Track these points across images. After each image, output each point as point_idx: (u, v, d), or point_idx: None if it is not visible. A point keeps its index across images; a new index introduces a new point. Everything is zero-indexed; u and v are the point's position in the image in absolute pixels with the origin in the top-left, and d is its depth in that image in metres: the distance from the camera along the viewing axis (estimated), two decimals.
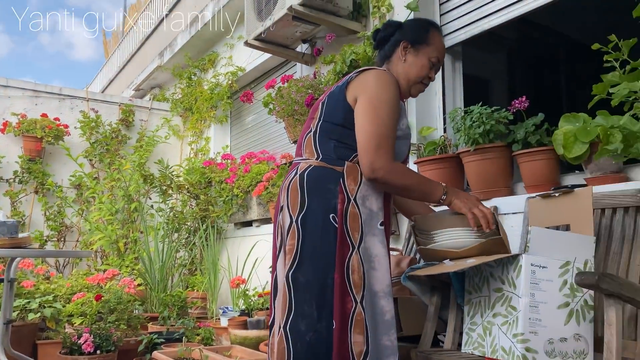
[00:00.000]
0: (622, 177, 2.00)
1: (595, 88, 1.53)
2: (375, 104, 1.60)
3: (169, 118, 5.85)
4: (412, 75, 1.77)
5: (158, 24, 7.45)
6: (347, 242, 1.57)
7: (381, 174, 1.57)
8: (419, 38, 1.77)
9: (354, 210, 1.60)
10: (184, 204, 4.89)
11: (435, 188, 1.66)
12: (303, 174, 1.65)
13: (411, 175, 1.63)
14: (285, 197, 1.67)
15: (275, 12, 3.28)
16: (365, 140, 1.58)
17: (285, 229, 1.63)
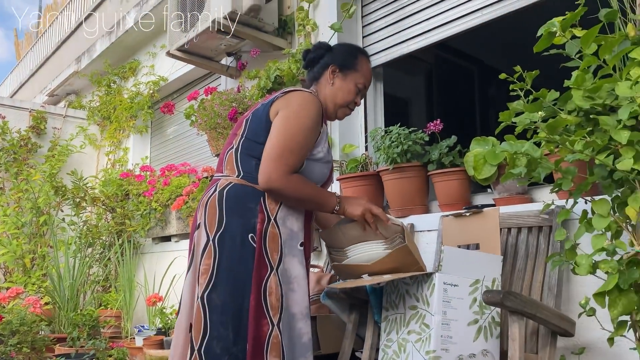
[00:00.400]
0: (527, 199, 2.13)
1: (501, 115, 1.62)
2: (290, 120, 1.61)
3: (85, 127, 5.58)
4: (338, 100, 1.79)
5: (76, 28, 7.12)
6: (265, 263, 1.55)
7: (276, 185, 1.57)
8: (347, 63, 1.80)
9: (273, 231, 1.59)
10: (99, 217, 4.66)
11: (329, 199, 1.67)
12: (222, 192, 1.62)
13: (306, 187, 1.63)
14: (202, 214, 1.63)
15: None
16: (268, 150, 1.59)
17: (201, 247, 1.59)
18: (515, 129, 1.61)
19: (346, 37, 2.97)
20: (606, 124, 1.38)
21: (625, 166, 1.35)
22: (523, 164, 1.60)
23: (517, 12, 2.34)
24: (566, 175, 1.52)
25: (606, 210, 1.43)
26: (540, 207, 1.96)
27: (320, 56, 1.83)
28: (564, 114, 1.54)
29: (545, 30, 1.45)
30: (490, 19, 2.43)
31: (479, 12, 2.46)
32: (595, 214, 1.45)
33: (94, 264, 4.52)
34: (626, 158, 1.36)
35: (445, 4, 2.63)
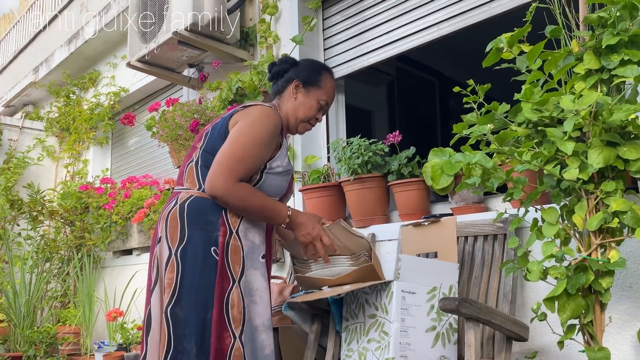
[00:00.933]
0: (483, 208, 2.19)
1: (455, 127, 1.67)
2: (244, 130, 1.62)
3: (43, 138, 5.44)
4: (299, 115, 1.81)
5: (34, 37, 6.95)
6: (227, 276, 1.55)
7: (219, 192, 1.56)
8: (311, 79, 1.82)
9: (235, 243, 1.60)
10: (57, 231, 4.54)
11: (278, 213, 1.65)
12: (184, 205, 1.61)
13: (253, 197, 1.60)
14: (163, 227, 1.62)
15: (160, 35, 3.21)
16: (217, 157, 1.59)
17: (164, 261, 1.58)
18: (469, 140, 1.66)
19: (307, 50, 3.00)
20: (553, 136, 1.44)
21: (571, 176, 1.42)
22: (478, 174, 1.65)
23: (473, 27, 2.42)
24: (517, 185, 1.58)
25: (555, 218, 1.49)
26: (495, 216, 2.03)
27: (285, 70, 1.85)
28: (514, 125, 1.60)
29: (494, 46, 1.50)
30: (446, 33, 2.50)
31: (436, 26, 2.54)
32: (544, 222, 1.51)
33: (51, 279, 4.39)
34: (572, 168, 1.42)
35: (404, 19, 2.69)
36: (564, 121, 1.42)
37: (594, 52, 1.49)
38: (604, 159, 1.38)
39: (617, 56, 1.44)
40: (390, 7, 2.76)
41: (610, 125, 1.41)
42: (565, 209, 1.56)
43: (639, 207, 1.39)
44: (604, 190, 1.42)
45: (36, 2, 7.52)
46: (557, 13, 1.59)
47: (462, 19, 2.43)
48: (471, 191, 2.09)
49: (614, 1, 1.46)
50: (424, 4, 2.61)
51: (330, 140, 3.02)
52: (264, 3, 3.16)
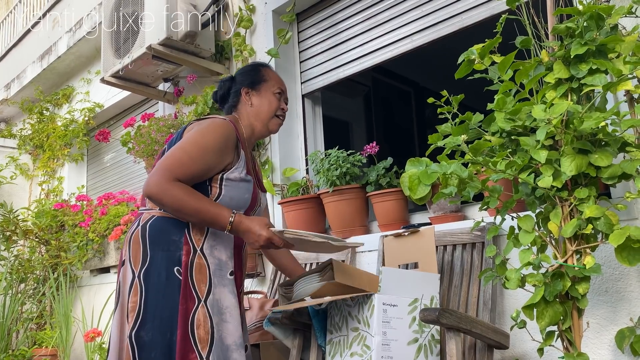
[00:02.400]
0: (460, 216, 2.21)
1: (430, 138, 1.69)
2: (191, 137, 1.60)
3: (16, 157, 5.33)
4: (264, 114, 1.79)
5: (5, 54, 6.84)
6: (192, 296, 1.52)
7: (153, 190, 1.50)
8: (255, 79, 1.82)
9: (200, 262, 1.57)
10: (32, 250, 4.44)
11: (218, 218, 1.54)
12: (145, 225, 1.59)
13: (189, 198, 1.51)
14: (127, 250, 1.59)
15: (134, 50, 3.19)
16: (161, 161, 1.55)
17: (127, 285, 1.55)
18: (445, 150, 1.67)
19: (283, 62, 3.01)
20: (526, 144, 1.46)
21: (546, 183, 1.43)
22: (454, 184, 1.66)
23: (445, 37, 2.45)
24: (492, 194, 1.59)
25: (531, 226, 1.51)
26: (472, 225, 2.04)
27: (228, 88, 1.85)
28: (488, 135, 1.62)
29: (466, 57, 1.52)
30: (420, 44, 2.53)
31: (409, 38, 2.56)
32: (521, 230, 1.53)
33: (26, 300, 4.29)
34: (546, 176, 1.44)
35: (377, 31, 2.72)
36: (537, 130, 1.44)
37: (563, 62, 1.52)
38: (577, 166, 1.40)
39: (586, 65, 1.47)
40: (364, 20, 2.79)
41: (581, 133, 1.44)
42: (540, 217, 1.58)
43: (611, 212, 1.41)
44: (578, 197, 1.44)
45: (7, 17, 7.41)
46: (526, 24, 1.62)
47: (434, 30, 2.46)
48: (448, 200, 2.11)
49: (581, 12, 1.50)
50: (396, 16, 2.64)
51: (309, 152, 3.02)
52: (239, 16, 3.16)
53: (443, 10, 2.43)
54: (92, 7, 4.51)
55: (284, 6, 2.98)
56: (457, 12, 2.38)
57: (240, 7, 3.17)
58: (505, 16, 1.61)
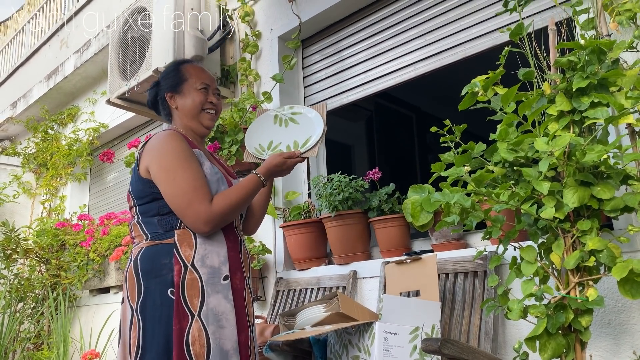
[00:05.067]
0: (462, 244, 2.21)
1: (433, 167, 1.70)
2: (165, 166, 1.58)
3: (20, 175, 5.36)
4: (189, 111, 1.73)
5: (12, 72, 6.93)
6: (185, 313, 1.51)
7: (214, 224, 1.56)
8: (175, 81, 1.76)
9: (191, 276, 1.55)
10: (32, 269, 4.43)
11: (254, 186, 1.64)
12: (137, 259, 1.59)
13: (231, 196, 1.59)
14: (125, 288, 1.61)
15: (141, 72, 3.22)
16: (175, 204, 1.56)
17: (128, 322, 1.56)
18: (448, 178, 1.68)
19: (288, 87, 3.04)
20: (529, 175, 1.47)
21: (548, 215, 1.44)
22: (457, 212, 1.67)
23: (448, 66, 2.48)
24: (495, 224, 1.60)
25: (533, 256, 1.51)
26: (475, 252, 2.04)
27: (155, 95, 1.80)
28: (491, 165, 1.63)
29: (469, 90, 1.54)
30: (423, 72, 2.56)
31: (412, 66, 2.60)
32: (523, 261, 1.53)
33: (25, 319, 4.26)
34: (548, 207, 1.44)
35: (381, 59, 2.75)
36: (539, 161, 1.45)
37: (565, 94, 1.54)
38: (579, 198, 1.41)
39: (588, 98, 1.48)
40: (368, 47, 2.83)
41: (583, 165, 1.45)
42: (543, 247, 1.58)
43: (614, 245, 1.41)
44: (580, 229, 1.44)
45: (16, 37, 7.51)
46: (529, 56, 1.64)
47: (437, 59, 2.50)
48: (451, 229, 2.11)
49: (583, 46, 1.52)
50: (400, 44, 2.68)
51: (311, 176, 3.03)
52: (245, 42, 3.20)
53: (446, 40, 2.47)
54: (100, 29, 4.58)
55: (289, 33, 3.03)
56: (460, 41, 2.41)
57: (247, 32, 3.22)
58: (508, 49, 1.64)
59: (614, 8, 1.70)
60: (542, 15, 2.14)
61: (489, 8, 2.35)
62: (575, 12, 1.76)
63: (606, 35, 1.75)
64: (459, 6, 2.46)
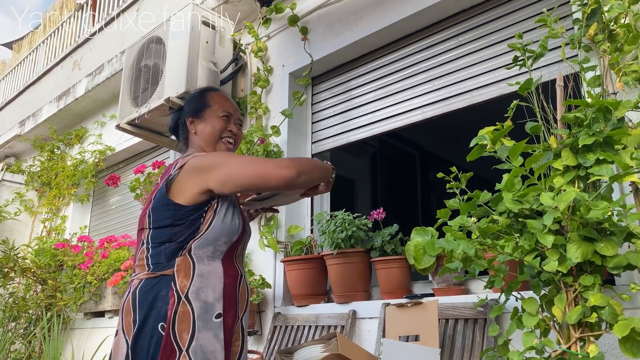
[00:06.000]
0: (464, 290, 2.21)
1: (438, 213, 1.72)
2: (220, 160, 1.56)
3: (23, 192, 5.37)
4: (207, 137, 1.72)
5: (22, 90, 7.02)
6: (173, 349, 1.46)
7: (295, 169, 1.51)
8: (198, 107, 1.75)
9: (184, 309, 1.49)
10: (28, 288, 4.40)
11: (326, 167, 1.68)
12: (135, 291, 1.54)
13: (301, 158, 1.64)
14: (120, 321, 1.55)
15: (152, 100, 3.28)
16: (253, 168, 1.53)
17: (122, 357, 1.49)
18: (453, 226, 1.70)
19: (296, 122, 3.09)
20: (533, 228, 1.49)
21: (551, 268, 1.45)
22: (459, 258, 1.68)
23: (455, 111, 2.53)
24: (498, 274, 1.61)
25: (535, 308, 1.52)
26: (476, 299, 2.04)
27: (177, 118, 1.80)
28: (495, 214, 1.65)
29: (478, 142, 1.57)
30: (430, 116, 2.61)
31: (420, 109, 2.64)
32: (525, 312, 1.53)
33: (16, 339, 4.22)
34: (551, 260, 1.46)
35: (389, 100, 2.81)
36: (543, 213, 1.47)
37: (571, 150, 1.57)
38: (582, 254, 1.42)
39: (593, 155, 1.51)
40: (377, 89, 2.89)
41: (587, 220, 1.47)
42: (544, 299, 1.59)
43: (616, 302, 1.42)
44: (583, 284, 1.45)
45: (29, 56, 7.64)
46: (536, 110, 1.68)
47: (445, 104, 2.55)
48: (453, 275, 2.12)
49: (589, 104, 1.56)
50: (408, 88, 2.73)
51: (315, 211, 3.05)
52: (256, 76, 3.26)
53: (455, 86, 2.52)
54: (114, 54, 4.67)
55: (300, 70, 3.09)
56: (468, 89, 2.46)
57: (259, 67, 3.28)
58: (516, 102, 1.68)
59: (621, 68, 1.74)
60: (550, 68, 2.20)
61: (497, 58, 2.41)
62: (582, 68, 1.81)
63: (612, 93, 1.79)
64: (467, 55, 2.53)
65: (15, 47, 8.77)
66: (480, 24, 2.51)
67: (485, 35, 2.48)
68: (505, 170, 1.67)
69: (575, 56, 1.94)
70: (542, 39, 1.79)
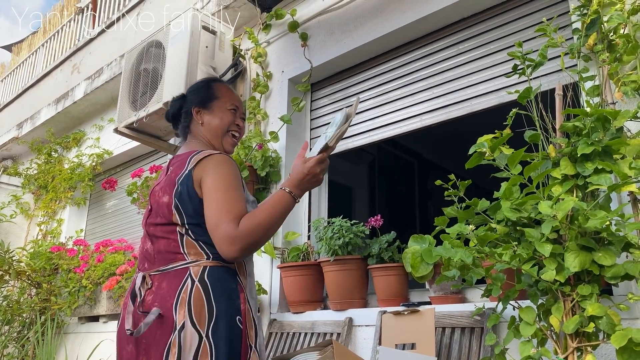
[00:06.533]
0: (461, 298, 2.20)
1: (436, 220, 1.72)
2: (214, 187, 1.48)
3: (19, 195, 5.35)
4: (215, 130, 1.67)
5: (21, 93, 7.01)
6: (246, 344, 1.46)
7: (238, 246, 1.42)
8: (206, 97, 1.71)
9: (247, 307, 1.50)
10: (22, 292, 4.37)
11: (284, 200, 1.52)
12: (204, 279, 1.46)
13: (258, 216, 1.46)
14: (185, 312, 1.43)
15: (151, 104, 3.27)
16: (209, 224, 1.46)
17: (193, 351, 1.40)
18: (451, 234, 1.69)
19: (295, 128, 3.08)
20: (531, 237, 1.49)
21: (549, 277, 1.45)
22: (457, 267, 1.67)
23: (454, 119, 2.53)
24: (495, 282, 1.60)
25: (532, 318, 1.51)
26: (473, 308, 2.03)
27: (179, 107, 1.74)
28: (493, 222, 1.65)
29: (477, 149, 1.57)
30: (429, 124, 2.61)
31: (419, 117, 2.64)
32: (522, 321, 1.52)
33: (9, 343, 4.18)
34: (549, 269, 1.45)
35: (389, 107, 2.81)
36: (542, 222, 1.47)
37: (569, 159, 1.57)
38: (580, 263, 1.42)
39: (592, 164, 1.51)
40: (376, 96, 2.89)
41: (585, 230, 1.47)
42: (542, 309, 1.58)
43: (613, 312, 1.41)
44: (580, 294, 1.45)
45: (28, 59, 7.64)
46: (535, 119, 1.68)
47: (444, 112, 2.55)
48: (450, 283, 2.11)
49: (588, 113, 1.56)
50: (407, 95, 2.74)
51: (312, 217, 3.04)
52: (256, 82, 3.26)
53: (454, 94, 2.52)
54: (113, 58, 4.67)
55: (300, 76, 3.09)
56: (467, 97, 2.46)
57: (258, 73, 3.28)
58: (515, 110, 1.68)
59: (620, 78, 1.75)
60: (549, 77, 2.20)
61: (496, 67, 2.41)
62: (581, 78, 1.81)
63: (611, 103, 1.79)
64: (467, 63, 2.53)
65: (14, 49, 8.77)
66: (480, 32, 2.51)
67: (485, 44, 2.48)
68: (504, 179, 1.67)
69: (575, 66, 1.95)
70: (542, 48, 1.80)
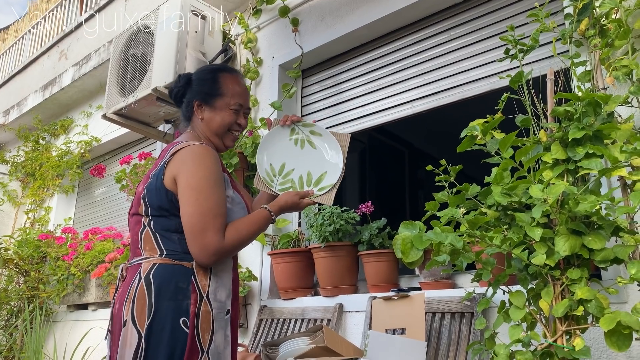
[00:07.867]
0: (451, 284, 2.20)
1: (427, 205, 1.71)
2: (194, 184, 1.44)
3: (6, 183, 5.29)
4: (215, 128, 1.62)
5: (7, 80, 6.91)
6: (196, 349, 1.41)
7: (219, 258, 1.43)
8: (209, 92, 1.63)
9: (206, 309, 1.44)
10: (10, 280, 4.33)
11: (266, 220, 1.56)
12: (149, 277, 1.44)
13: (243, 231, 1.48)
14: (129, 309, 1.42)
15: (140, 90, 3.23)
16: (190, 225, 1.42)
17: (132, 349, 1.38)
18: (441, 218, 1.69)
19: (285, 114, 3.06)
20: (522, 221, 1.49)
21: (539, 261, 1.45)
22: (447, 252, 1.67)
23: (445, 106, 2.52)
24: (486, 267, 1.60)
25: (522, 302, 1.51)
26: (463, 293, 2.04)
27: (183, 92, 1.68)
28: (484, 207, 1.64)
29: (468, 133, 1.56)
30: (420, 110, 2.60)
31: (410, 104, 2.63)
32: (512, 305, 1.53)
33: None
34: (539, 253, 1.45)
35: (379, 94, 2.79)
36: (532, 206, 1.46)
37: (560, 143, 1.57)
38: (570, 247, 1.42)
39: (583, 149, 1.51)
40: (367, 82, 2.87)
41: (575, 214, 1.47)
42: (531, 293, 1.58)
43: (602, 295, 1.42)
44: (570, 277, 1.45)
45: (14, 45, 7.52)
46: (527, 104, 1.67)
47: (435, 98, 2.54)
48: (441, 268, 2.11)
49: (580, 98, 1.56)
50: (399, 82, 2.72)
51: None
52: (246, 68, 3.23)
53: (445, 81, 2.52)
54: (102, 44, 4.61)
55: (290, 62, 3.07)
56: (458, 83, 2.46)
57: (248, 58, 3.25)
58: (507, 95, 1.67)
59: (611, 63, 1.74)
60: (541, 63, 2.20)
61: (488, 53, 2.40)
62: (573, 63, 1.81)
63: (602, 88, 1.79)
64: (458, 49, 2.52)
65: (0, 35, 8.63)
66: (472, 18, 2.50)
67: (476, 30, 2.47)
68: (495, 164, 1.67)
69: (566, 51, 1.94)
70: (534, 32, 1.79)
